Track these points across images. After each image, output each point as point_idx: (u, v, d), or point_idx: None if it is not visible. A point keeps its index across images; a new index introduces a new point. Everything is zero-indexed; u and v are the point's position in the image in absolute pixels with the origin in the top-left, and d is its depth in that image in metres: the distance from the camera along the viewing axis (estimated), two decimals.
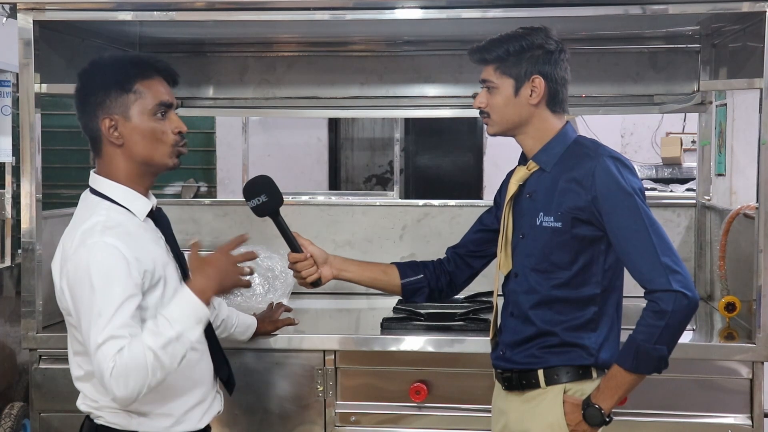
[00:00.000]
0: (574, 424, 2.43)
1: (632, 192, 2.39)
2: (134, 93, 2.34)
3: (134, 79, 2.34)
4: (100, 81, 2.36)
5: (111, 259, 2.22)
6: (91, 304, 2.21)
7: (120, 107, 2.33)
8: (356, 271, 2.80)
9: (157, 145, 2.36)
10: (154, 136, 2.35)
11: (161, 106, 2.35)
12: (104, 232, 2.26)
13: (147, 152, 2.36)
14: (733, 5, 3.04)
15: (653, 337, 2.32)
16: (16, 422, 4.39)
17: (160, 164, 2.38)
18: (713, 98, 4.08)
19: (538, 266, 2.48)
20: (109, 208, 2.34)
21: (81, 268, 2.23)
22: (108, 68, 2.39)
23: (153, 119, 2.35)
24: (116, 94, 2.33)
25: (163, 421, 2.37)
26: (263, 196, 2.65)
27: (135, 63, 2.39)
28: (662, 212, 3.96)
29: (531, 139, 2.53)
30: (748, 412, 3.06)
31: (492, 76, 2.50)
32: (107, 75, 2.36)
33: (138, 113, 2.34)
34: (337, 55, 4.08)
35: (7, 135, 4.96)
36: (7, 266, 4.78)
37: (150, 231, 2.41)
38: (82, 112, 2.38)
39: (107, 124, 2.34)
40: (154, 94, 2.35)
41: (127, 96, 2.33)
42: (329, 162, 9.44)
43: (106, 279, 2.21)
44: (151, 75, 2.36)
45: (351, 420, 3.16)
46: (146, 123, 2.34)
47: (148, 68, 2.37)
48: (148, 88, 2.35)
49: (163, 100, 2.36)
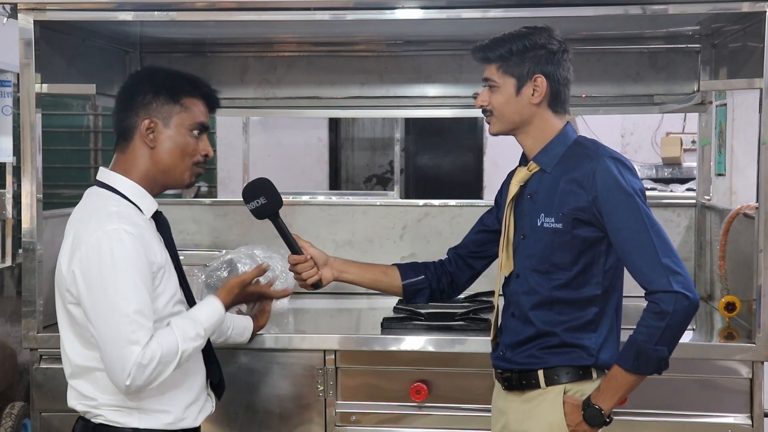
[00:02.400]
0: (574, 425, 2.43)
1: (633, 192, 2.39)
2: (180, 105, 2.46)
3: (185, 93, 2.47)
4: (153, 84, 2.47)
5: (134, 248, 2.29)
6: (115, 287, 2.26)
7: (163, 114, 2.44)
8: (357, 273, 2.81)
9: (182, 159, 2.46)
10: (184, 150, 2.46)
11: (200, 126, 2.48)
12: (122, 220, 2.32)
13: (172, 162, 2.45)
14: (733, 5, 3.04)
15: (654, 338, 2.32)
16: (17, 422, 4.39)
17: (178, 177, 2.48)
18: (713, 98, 4.08)
19: (538, 267, 2.48)
20: (119, 202, 2.40)
21: (104, 252, 2.27)
22: (163, 75, 2.53)
23: (189, 135, 2.46)
24: (164, 100, 2.44)
25: (164, 417, 2.40)
26: (262, 199, 2.67)
27: (189, 79, 2.52)
28: (662, 212, 3.96)
29: (531, 138, 2.53)
30: (748, 412, 3.06)
31: (494, 75, 2.50)
32: (162, 81, 2.48)
33: (178, 124, 2.45)
34: (337, 55, 4.08)
35: (7, 135, 4.95)
36: (8, 266, 4.78)
37: (153, 231, 2.45)
38: (123, 107, 2.47)
39: (146, 125, 2.43)
40: (197, 113, 2.48)
41: (174, 106, 2.45)
42: (329, 162, 9.45)
43: (130, 265, 2.28)
44: (198, 95, 2.50)
45: (351, 420, 3.16)
46: (182, 136, 2.45)
47: (197, 88, 2.50)
48: (194, 106, 2.48)
49: (203, 120, 2.49)
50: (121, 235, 2.28)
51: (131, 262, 2.27)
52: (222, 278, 3.45)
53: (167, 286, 2.39)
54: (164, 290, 2.38)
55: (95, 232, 2.29)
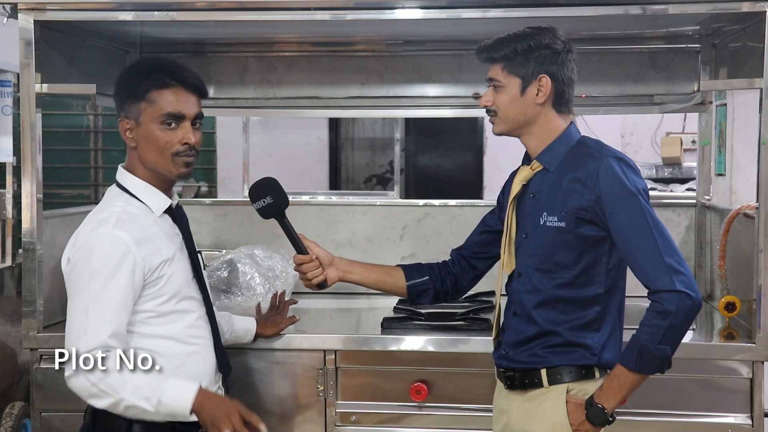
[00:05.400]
0: (577, 424, 2.44)
1: (636, 192, 2.39)
2: (146, 101, 2.43)
3: (148, 87, 2.42)
4: (121, 85, 2.47)
5: (117, 254, 2.31)
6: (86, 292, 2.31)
7: (134, 113, 2.44)
8: (361, 273, 2.81)
9: (161, 154, 2.43)
10: (157, 144, 2.43)
11: (169, 117, 2.42)
12: (117, 224, 2.35)
13: (152, 158, 2.45)
14: (733, 5, 3.04)
15: (657, 337, 2.33)
16: (17, 422, 4.39)
17: (165, 171, 2.46)
18: (713, 98, 4.08)
19: (541, 266, 2.49)
20: (127, 201, 2.44)
21: (84, 254, 2.33)
22: (129, 74, 2.51)
23: (160, 128, 2.42)
24: (131, 100, 2.44)
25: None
26: (268, 198, 2.67)
27: (151, 71, 2.45)
28: (662, 212, 3.96)
29: (535, 138, 2.53)
30: (748, 412, 3.06)
31: (499, 75, 2.51)
32: (127, 80, 2.47)
33: (146, 120, 2.43)
34: (337, 55, 4.08)
35: (8, 135, 4.95)
36: (8, 266, 4.79)
37: (166, 227, 2.48)
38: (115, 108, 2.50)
39: (124, 126, 2.46)
40: (163, 105, 2.42)
41: (140, 103, 2.42)
42: (330, 162, 9.44)
43: (107, 273, 2.31)
44: (168, 84, 2.43)
45: (352, 419, 3.16)
46: (153, 131, 2.42)
47: (165, 77, 2.43)
48: (160, 98, 2.42)
49: (171, 111, 2.42)
50: (110, 240, 2.33)
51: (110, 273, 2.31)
52: (222, 278, 3.45)
53: (169, 283, 2.42)
54: (165, 288, 2.41)
55: (88, 233, 2.36)
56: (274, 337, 3.10)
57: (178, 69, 2.47)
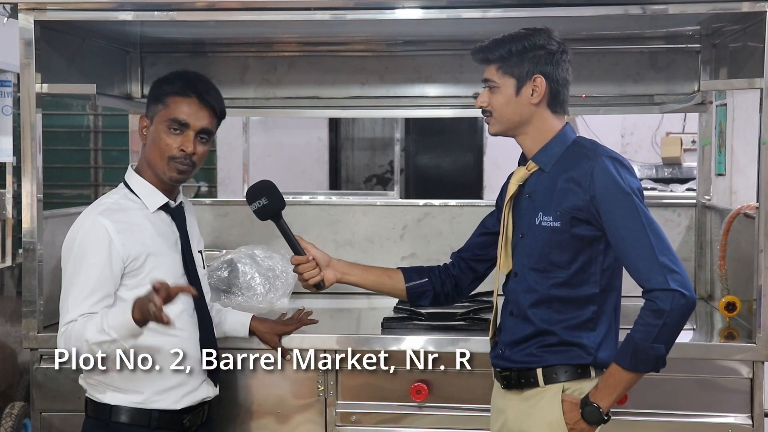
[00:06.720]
0: (572, 423, 2.44)
1: (630, 192, 2.40)
2: (163, 104, 2.63)
3: (168, 92, 2.63)
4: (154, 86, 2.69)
5: (95, 238, 2.52)
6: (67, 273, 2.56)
7: (152, 112, 2.65)
8: (360, 275, 2.81)
9: (160, 155, 2.62)
10: (158, 144, 2.62)
11: (175, 122, 2.60)
12: (103, 213, 2.57)
13: (152, 157, 2.64)
14: (733, 5, 3.04)
15: (651, 336, 2.33)
16: (17, 422, 4.39)
17: (159, 172, 2.64)
18: (713, 98, 4.08)
19: (537, 266, 2.49)
20: (124, 195, 2.66)
21: (70, 238, 2.58)
22: (163, 78, 2.70)
23: (165, 131, 2.61)
24: (154, 101, 2.65)
25: (134, 397, 2.61)
26: (264, 199, 2.71)
27: (176, 79, 2.66)
28: (662, 212, 3.96)
29: (531, 139, 2.54)
30: (749, 412, 3.06)
31: (494, 76, 2.51)
32: (158, 83, 2.69)
33: (158, 122, 2.63)
34: (337, 55, 4.08)
35: (8, 135, 4.96)
36: (8, 266, 4.79)
37: (160, 223, 2.65)
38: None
39: (142, 124, 2.68)
40: (174, 110, 2.61)
41: (158, 105, 2.64)
42: (329, 162, 9.44)
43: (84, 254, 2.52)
44: (185, 93, 2.62)
45: (352, 420, 3.16)
46: (159, 133, 2.62)
47: (185, 87, 2.63)
48: (174, 104, 2.62)
49: (177, 117, 2.61)
50: (91, 223, 2.54)
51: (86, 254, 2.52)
52: (222, 278, 3.45)
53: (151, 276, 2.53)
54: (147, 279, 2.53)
55: (80, 219, 2.59)
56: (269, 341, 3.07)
57: (201, 83, 2.66)
